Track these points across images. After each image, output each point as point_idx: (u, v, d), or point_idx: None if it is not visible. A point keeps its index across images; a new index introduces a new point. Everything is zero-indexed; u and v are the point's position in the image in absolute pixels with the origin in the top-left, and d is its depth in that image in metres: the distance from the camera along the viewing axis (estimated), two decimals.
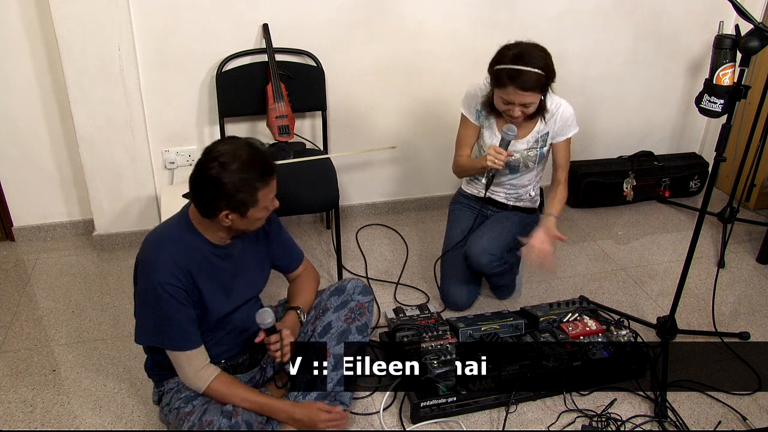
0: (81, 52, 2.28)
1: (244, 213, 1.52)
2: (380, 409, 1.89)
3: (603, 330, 2.11)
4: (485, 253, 2.17)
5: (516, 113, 2.02)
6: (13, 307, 2.32)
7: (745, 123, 3.06)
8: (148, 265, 1.55)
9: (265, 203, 1.55)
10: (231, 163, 1.46)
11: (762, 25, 1.69)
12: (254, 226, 1.61)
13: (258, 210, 1.54)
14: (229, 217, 1.52)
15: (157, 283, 1.52)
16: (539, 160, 2.22)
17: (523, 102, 1.99)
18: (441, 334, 2.06)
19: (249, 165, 1.48)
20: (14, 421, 1.82)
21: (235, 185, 1.47)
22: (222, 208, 1.50)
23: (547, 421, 1.87)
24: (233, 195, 1.48)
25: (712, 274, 2.62)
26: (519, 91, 1.95)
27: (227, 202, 1.49)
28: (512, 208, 2.36)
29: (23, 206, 2.69)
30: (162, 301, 1.53)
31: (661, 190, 3.24)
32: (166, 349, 1.60)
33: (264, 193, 1.52)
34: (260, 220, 1.60)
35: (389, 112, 2.83)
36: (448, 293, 2.33)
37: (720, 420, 1.89)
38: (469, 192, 2.41)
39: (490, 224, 2.28)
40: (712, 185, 1.97)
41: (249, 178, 1.48)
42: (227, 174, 1.46)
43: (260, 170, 1.50)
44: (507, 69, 1.95)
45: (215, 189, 1.48)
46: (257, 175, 1.49)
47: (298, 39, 2.54)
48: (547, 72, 1.96)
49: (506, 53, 1.97)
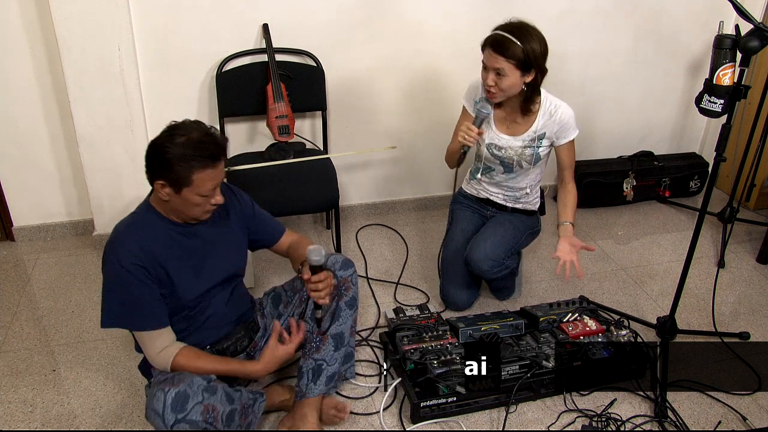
0: (81, 52, 2.29)
1: (178, 190, 1.53)
2: (380, 409, 1.89)
3: (603, 330, 2.11)
4: (487, 259, 2.17)
5: (489, 80, 1.99)
6: (13, 307, 2.32)
7: (745, 123, 3.06)
8: (110, 250, 1.58)
9: (201, 189, 1.54)
10: (180, 137, 1.51)
11: (762, 25, 1.69)
12: (192, 211, 1.60)
13: (192, 192, 1.54)
14: (165, 189, 1.54)
15: (118, 264, 1.54)
16: (535, 161, 2.20)
17: (495, 66, 1.96)
18: (441, 334, 2.06)
19: (195, 144, 1.50)
20: (14, 421, 1.82)
21: (174, 157, 1.49)
22: (157, 176, 1.53)
23: (547, 421, 1.87)
24: (170, 166, 1.50)
25: (712, 274, 2.63)
26: (493, 53, 1.95)
27: (163, 173, 1.52)
28: (511, 209, 2.35)
29: (23, 206, 2.69)
30: (125, 281, 1.55)
31: (661, 190, 3.24)
32: (132, 329, 1.62)
33: (201, 177, 1.52)
34: (198, 207, 1.58)
35: (389, 112, 2.83)
36: (448, 294, 2.33)
37: (720, 420, 1.89)
38: (469, 192, 2.41)
39: (491, 228, 2.27)
40: (712, 185, 1.97)
41: (190, 155, 1.50)
42: (172, 145, 1.50)
43: (204, 153, 1.51)
44: (492, 34, 1.97)
45: (156, 155, 1.52)
46: (198, 156, 1.50)
47: (298, 39, 2.55)
48: (528, 54, 1.93)
49: (501, 25, 1.99)
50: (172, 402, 1.46)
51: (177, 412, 1.46)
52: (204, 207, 1.60)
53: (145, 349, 1.63)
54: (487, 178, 2.31)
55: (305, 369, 1.79)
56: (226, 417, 1.57)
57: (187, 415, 1.48)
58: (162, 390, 1.47)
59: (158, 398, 1.47)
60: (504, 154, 2.19)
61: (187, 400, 1.48)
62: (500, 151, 2.20)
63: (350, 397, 1.94)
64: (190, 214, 1.61)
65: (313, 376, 1.78)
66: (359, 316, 2.30)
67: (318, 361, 1.79)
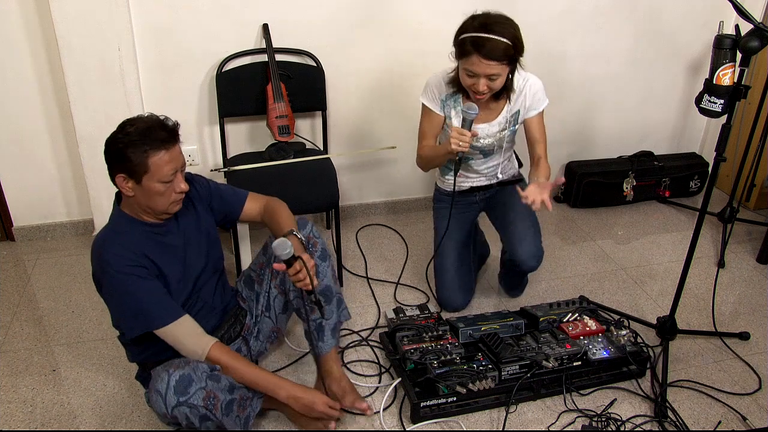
0: (81, 52, 2.29)
1: (138, 179, 1.53)
2: (380, 409, 1.89)
3: (603, 330, 2.11)
4: (535, 257, 2.15)
5: (481, 87, 1.89)
6: (13, 307, 2.32)
7: (745, 123, 3.06)
8: (102, 265, 1.57)
9: (159, 174, 1.53)
10: (129, 128, 1.52)
11: (762, 25, 1.69)
12: (157, 202, 1.58)
13: (153, 180, 1.53)
14: (127, 184, 1.55)
15: (116, 273, 1.54)
16: (512, 139, 2.17)
17: (488, 73, 1.85)
18: (441, 334, 2.06)
19: (144, 131, 1.52)
20: (14, 421, 1.82)
21: (126, 146, 1.50)
22: (117, 170, 1.54)
23: (547, 421, 1.87)
24: (125, 157, 1.51)
25: (712, 274, 2.63)
26: (484, 60, 1.82)
27: (120, 165, 1.52)
28: (497, 184, 2.31)
29: (23, 206, 2.69)
30: (129, 286, 1.55)
31: (661, 190, 3.24)
32: (156, 329, 1.58)
33: (156, 162, 1.52)
34: (162, 196, 1.57)
35: (389, 112, 2.83)
36: (443, 298, 2.33)
37: (720, 420, 1.89)
38: (447, 190, 2.32)
39: (519, 223, 2.17)
40: (712, 185, 1.97)
41: (140, 141, 1.51)
42: (123, 135, 1.52)
43: (155, 137, 1.52)
44: (471, 37, 1.83)
45: (111, 151, 1.53)
46: (149, 141, 1.51)
47: (298, 39, 2.54)
48: (515, 43, 1.84)
49: (472, 22, 1.87)
50: (176, 384, 1.48)
51: (179, 394, 1.48)
52: (169, 196, 1.59)
53: (178, 344, 1.59)
54: (464, 168, 2.24)
55: (311, 332, 1.89)
56: (225, 406, 1.58)
57: (189, 398, 1.49)
58: (167, 371, 1.49)
59: (162, 379, 1.48)
60: (483, 143, 2.14)
61: (190, 383, 1.50)
62: (479, 141, 2.13)
63: None
64: (157, 206, 1.60)
65: (318, 335, 1.89)
66: (359, 316, 2.31)
67: (317, 320, 1.88)
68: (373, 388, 1.98)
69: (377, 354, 2.12)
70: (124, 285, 1.55)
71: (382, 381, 2.01)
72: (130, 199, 1.60)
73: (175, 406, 1.47)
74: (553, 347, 1.99)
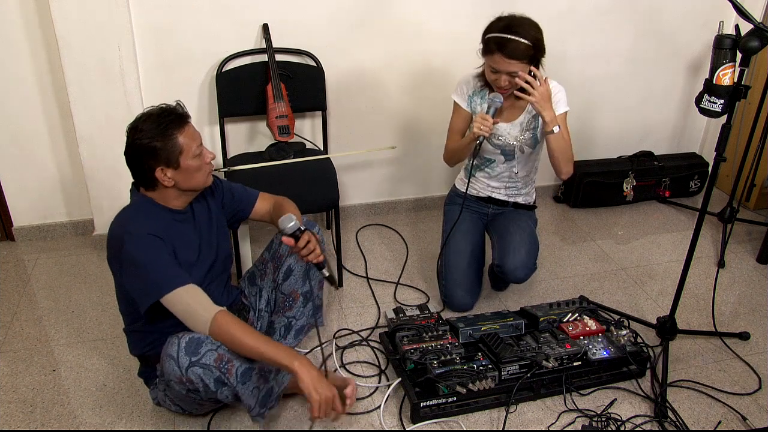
0: (81, 52, 2.29)
1: (177, 164, 1.56)
2: (380, 408, 1.89)
3: (603, 330, 2.11)
4: (524, 267, 2.18)
5: (503, 82, 2.02)
6: (13, 307, 2.32)
7: (745, 123, 3.06)
8: (122, 236, 1.56)
9: (191, 150, 1.57)
10: (143, 125, 1.54)
11: (762, 25, 1.69)
12: (197, 179, 1.63)
13: (188, 158, 1.57)
14: (166, 174, 1.56)
15: (136, 240, 1.55)
16: (534, 144, 2.22)
17: (509, 70, 1.98)
18: (441, 334, 2.06)
19: (158, 118, 1.54)
20: (14, 421, 1.82)
21: (154, 138, 1.52)
22: (154, 167, 1.55)
23: (547, 421, 1.87)
24: (157, 149, 1.53)
25: (712, 274, 2.63)
26: (505, 58, 1.96)
27: (155, 159, 1.54)
28: (512, 204, 2.36)
29: (23, 206, 2.69)
30: (145, 253, 1.54)
31: (661, 190, 3.24)
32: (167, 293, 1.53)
33: (184, 139, 1.56)
34: (199, 170, 1.62)
35: (389, 112, 2.83)
36: (453, 297, 2.32)
37: (720, 420, 1.89)
38: (463, 191, 2.37)
39: (516, 234, 2.23)
40: (712, 185, 1.97)
41: (162, 127, 1.53)
42: (143, 134, 1.53)
43: (171, 118, 1.55)
44: (495, 37, 1.96)
45: (140, 153, 1.54)
46: (169, 123, 1.54)
47: (298, 39, 2.54)
48: (536, 44, 1.97)
49: (497, 23, 1.99)
50: (186, 345, 1.51)
51: (191, 354, 1.50)
52: (204, 169, 1.63)
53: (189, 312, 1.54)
54: (487, 172, 2.32)
55: (277, 326, 1.96)
56: (242, 373, 1.57)
57: (201, 358, 1.51)
58: (176, 336, 1.52)
59: (173, 343, 1.51)
60: (504, 141, 2.21)
61: (200, 344, 1.52)
62: (500, 140, 2.21)
63: None
64: (198, 182, 1.64)
65: (284, 332, 1.96)
66: (358, 315, 2.31)
67: (289, 318, 1.95)
68: (373, 388, 1.98)
69: (377, 354, 2.12)
70: (141, 253, 1.55)
71: (382, 381, 2.01)
72: (166, 191, 1.62)
73: (188, 366, 1.49)
74: (553, 347, 1.99)
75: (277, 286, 1.95)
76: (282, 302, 1.95)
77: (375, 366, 2.07)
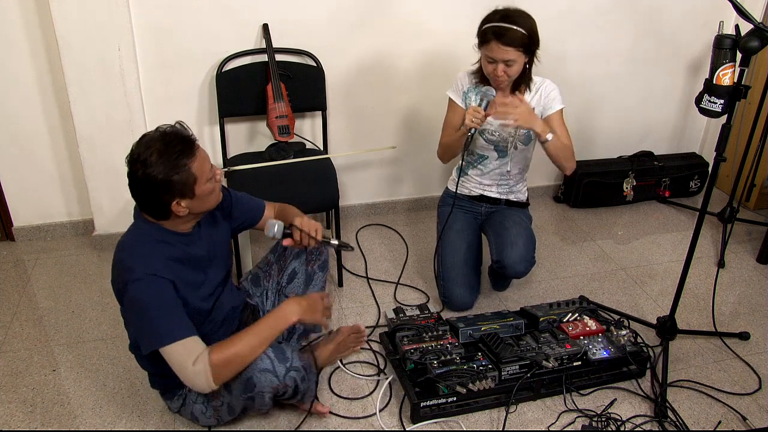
0: (81, 52, 2.29)
1: (192, 193, 1.50)
2: (378, 408, 1.89)
3: (603, 330, 2.11)
4: (523, 261, 2.18)
5: (499, 71, 2.03)
6: (13, 307, 2.32)
7: (745, 123, 3.06)
8: (128, 272, 1.50)
9: (205, 175, 1.52)
10: (150, 157, 1.44)
11: (762, 25, 1.69)
12: (211, 201, 1.60)
13: (202, 184, 1.51)
14: (181, 204, 1.51)
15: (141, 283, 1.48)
16: (527, 140, 2.24)
17: (506, 58, 2.00)
18: (441, 334, 2.06)
19: (166, 148, 1.45)
20: (14, 421, 1.82)
21: (167, 173, 1.44)
22: (169, 201, 1.49)
23: (547, 421, 1.87)
24: (171, 183, 1.45)
25: (712, 274, 2.63)
26: (502, 46, 1.97)
27: (170, 193, 1.47)
28: (505, 202, 2.37)
29: (23, 206, 2.69)
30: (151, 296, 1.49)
31: (661, 190, 3.24)
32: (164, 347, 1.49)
33: (197, 166, 1.49)
34: (213, 193, 1.58)
35: (389, 112, 2.83)
36: (452, 296, 2.32)
37: (720, 420, 1.89)
38: (459, 192, 2.39)
39: (513, 229, 2.24)
40: (712, 185, 1.97)
41: (173, 159, 1.45)
42: (153, 168, 1.44)
43: (180, 147, 1.47)
44: (492, 26, 1.99)
45: (152, 188, 1.46)
46: (180, 153, 1.46)
47: (298, 39, 2.54)
48: (531, 35, 2.00)
49: (493, 15, 2.02)
50: (276, 355, 1.56)
51: (283, 362, 1.58)
52: (216, 189, 1.60)
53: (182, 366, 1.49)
54: (480, 169, 2.33)
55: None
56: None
57: (292, 362, 1.60)
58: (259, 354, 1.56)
59: (261, 359, 1.55)
60: (498, 137, 2.22)
61: (284, 351, 1.60)
62: (494, 135, 2.23)
63: (349, 398, 1.94)
64: (210, 205, 1.60)
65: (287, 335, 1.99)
66: (358, 315, 2.31)
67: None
68: (373, 387, 1.98)
69: (377, 354, 2.12)
70: (144, 298, 1.49)
71: (381, 378, 2.01)
72: (177, 218, 1.56)
73: (286, 372, 1.58)
74: (553, 347, 1.99)
75: (281, 288, 1.95)
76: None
77: (375, 366, 2.07)
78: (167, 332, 1.49)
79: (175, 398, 1.75)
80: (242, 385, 1.58)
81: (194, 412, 1.73)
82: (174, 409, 1.78)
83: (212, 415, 1.71)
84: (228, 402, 1.66)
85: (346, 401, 1.92)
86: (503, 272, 2.24)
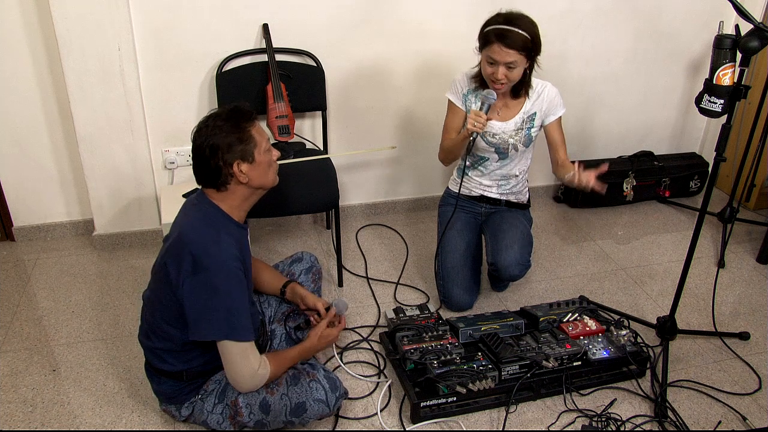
0: (81, 52, 2.29)
1: (252, 157, 1.57)
2: (378, 408, 1.89)
3: (603, 330, 2.11)
4: (517, 264, 2.19)
5: (500, 74, 2.03)
6: (13, 307, 2.32)
7: (745, 123, 3.06)
8: (202, 258, 1.50)
9: (263, 144, 1.60)
10: (213, 124, 1.55)
11: (762, 25, 1.69)
12: (269, 177, 1.64)
13: (261, 152, 1.59)
14: (242, 169, 1.56)
15: (222, 268, 1.50)
16: (527, 143, 2.25)
17: (507, 61, 2.00)
18: (441, 334, 2.06)
19: (228, 114, 1.56)
20: (14, 421, 1.82)
21: (227, 134, 1.54)
22: (230, 162, 1.55)
23: (547, 421, 1.87)
24: (231, 144, 1.54)
25: (712, 274, 2.63)
26: (504, 48, 1.97)
27: (231, 153, 1.54)
28: (505, 203, 2.37)
29: (23, 206, 2.69)
30: (233, 284, 1.52)
31: (661, 190, 3.24)
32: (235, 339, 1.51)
33: (256, 133, 1.59)
34: (271, 167, 1.64)
35: (389, 112, 2.83)
36: (452, 296, 2.32)
37: (720, 420, 1.89)
38: (455, 191, 2.40)
39: (509, 231, 2.25)
40: (712, 185, 1.97)
41: (234, 122, 1.55)
42: (215, 132, 1.54)
43: (240, 113, 1.57)
44: (495, 28, 1.99)
45: (215, 149, 1.54)
46: (240, 117, 1.56)
47: (298, 39, 2.55)
48: (534, 39, 2.00)
49: (496, 18, 2.02)
50: (330, 386, 1.63)
51: (335, 390, 1.64)
52: (273, 167, 1.66)
53: (245, 365, 1.54)
54: (480, 170, 2.33)
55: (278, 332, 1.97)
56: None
57: (341, 390, 1.67)
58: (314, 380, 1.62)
59: (315, 389, 1.60)
60: (498, 140, 2.23)
61: (336, 380, 1.66)
62: (494, 138, 2.24)
63: (350, 398, 1.94)
64: (270, 179, 1.65)
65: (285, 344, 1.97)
66: (358, 315, 2.31)
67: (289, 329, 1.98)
68: (373, 387, 1.98)
69: (377, 354, 2.12)
70: (223, 286, 1.50)
71: (382, 381, 2.01)
72: (237, 191, 1.60)
73: (335, 402, 1.64)
74: (553, 347, 1.99)
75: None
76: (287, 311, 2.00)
77: (375, 366, 2.07)
78: (244, 329, 1.53)
79: (186, 405, 1.71)
80: (288, 408, 1.59)
81: (209, 422, 1.68)
82: (180, 417, 1.74)
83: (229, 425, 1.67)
84: (261, 420, 1.62)
85: (347, 401, 1.92)
86: (498, 275, 2.25)
